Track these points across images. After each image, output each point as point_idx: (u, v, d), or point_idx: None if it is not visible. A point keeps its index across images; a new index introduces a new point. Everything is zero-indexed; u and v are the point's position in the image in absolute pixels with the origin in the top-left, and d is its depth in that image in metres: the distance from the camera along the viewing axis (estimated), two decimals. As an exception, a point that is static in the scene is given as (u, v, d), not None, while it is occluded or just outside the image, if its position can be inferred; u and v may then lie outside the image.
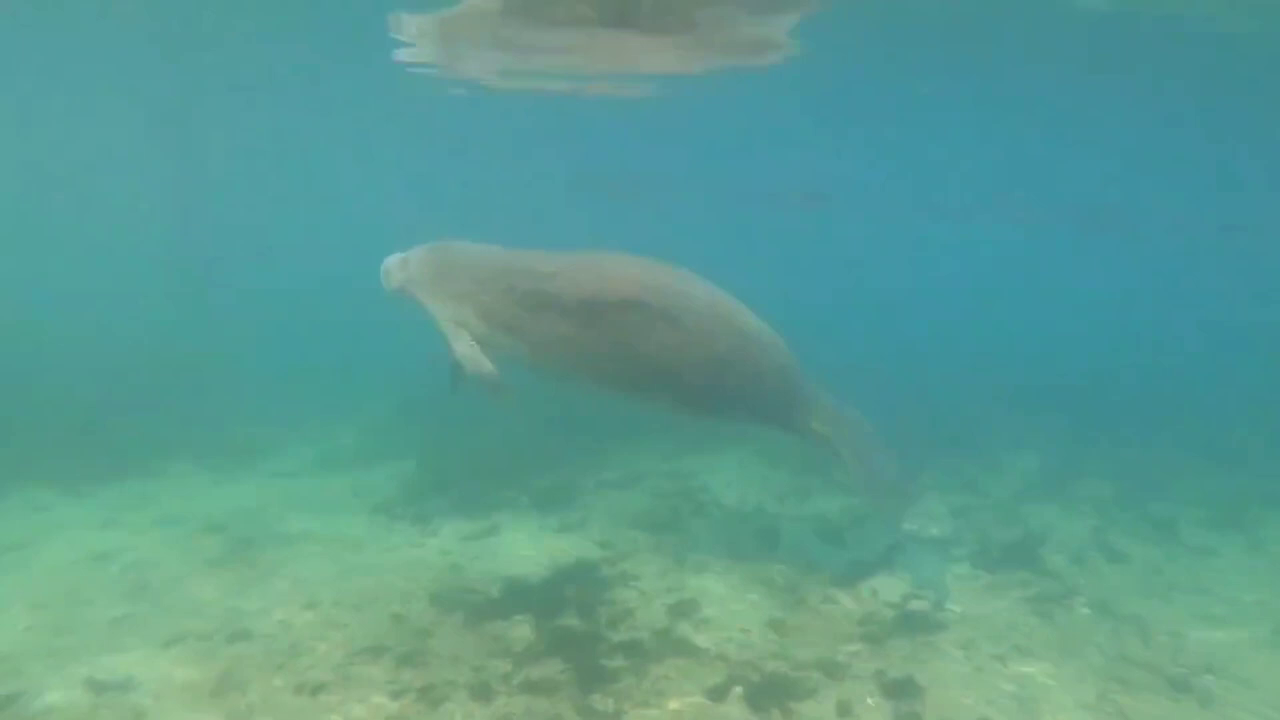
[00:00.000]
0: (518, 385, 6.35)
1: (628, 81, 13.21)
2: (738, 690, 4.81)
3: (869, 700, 4.80)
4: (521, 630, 5.52)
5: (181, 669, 5.05)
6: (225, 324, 12.94)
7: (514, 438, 9.88)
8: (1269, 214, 19.51)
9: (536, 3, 9.56)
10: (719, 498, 8.30)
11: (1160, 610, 6.19)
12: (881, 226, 30.45)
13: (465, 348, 6.12)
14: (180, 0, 10.52)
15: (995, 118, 13.46)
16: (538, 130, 18.32)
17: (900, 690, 4.87)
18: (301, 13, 10.57)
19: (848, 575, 6.50)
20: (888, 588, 6.29)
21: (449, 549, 6.93)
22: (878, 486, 6.25)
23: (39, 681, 4.92)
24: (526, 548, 6.96)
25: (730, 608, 5.92)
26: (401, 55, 11.65)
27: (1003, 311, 22.29)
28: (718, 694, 4.79)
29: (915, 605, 5.99)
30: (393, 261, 6.63)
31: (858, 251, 35.39)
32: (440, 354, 6.40)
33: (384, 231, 7.59)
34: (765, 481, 8.91)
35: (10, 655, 5.19)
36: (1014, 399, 11.40)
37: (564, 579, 6.32)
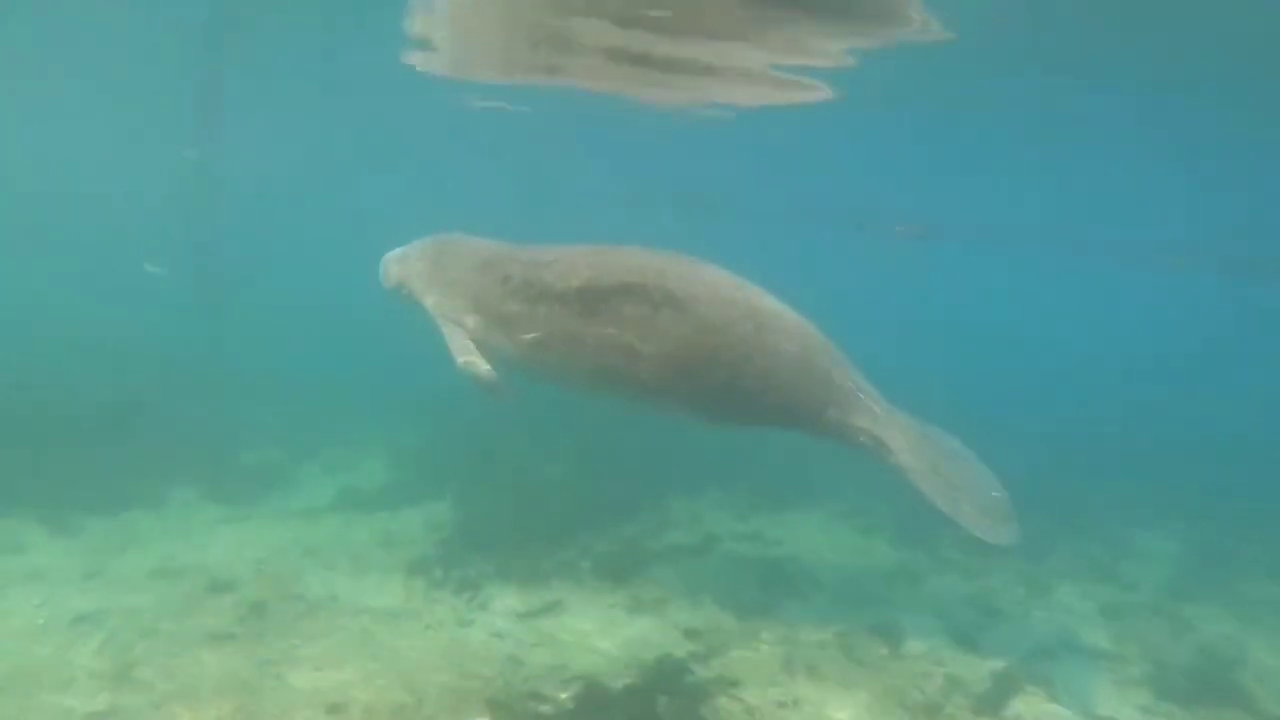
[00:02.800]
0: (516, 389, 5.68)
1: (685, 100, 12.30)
2: None
3: None
4: (610, 764, 4.29)
5: (171, 806, 3.82)
6: (237, 335, 11.75)
7: (562, 484, 8.73)
8: None
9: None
10: (812, 572, 7.05)
11: None
12: (997, 263, 28.80)
13: (460, 346, 5.71)
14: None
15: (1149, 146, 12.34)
16: (601, 144, 17.41)
17: None
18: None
19: (998, 695, 5.25)
20: None
21: (503, 630, 5.70)
22: (953, 495, 5.10)
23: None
24: (597, 634, 5.71)
25: (868, 740, 4.68)
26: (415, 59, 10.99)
27: (1118, 363, 20.16)
28: None
29: (1101, 750, 4.74)
30: (392, 256, 6.40)
31: (964, 289, 33.64)
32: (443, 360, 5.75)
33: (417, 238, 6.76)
34: (861, 554, 7.67)
35: (-50, 770, 3.99)
36: (1135, 463, 10.12)
37: (651, 682, 5.08)
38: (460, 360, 5.69)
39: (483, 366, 5.64)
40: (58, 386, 8.86)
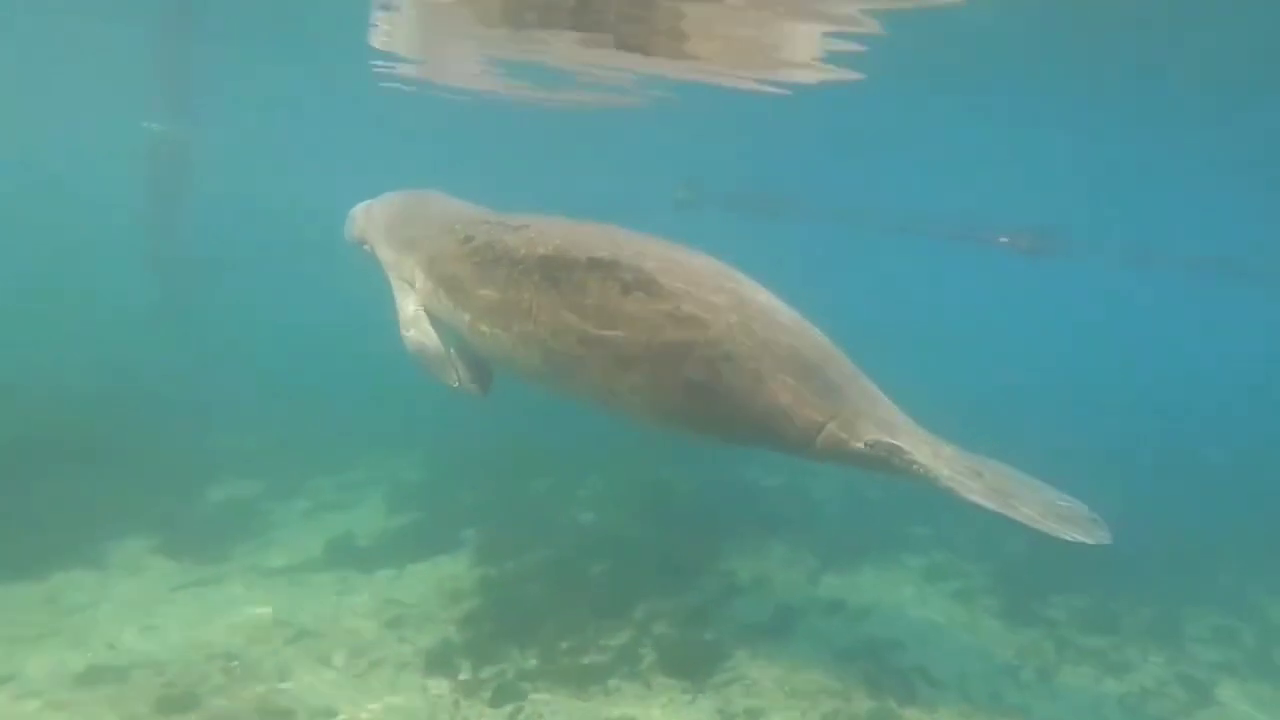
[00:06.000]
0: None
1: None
2: None
3: None
4: None
5: None
6: (204, 340, 10.09)
7: (599, 533, 7.39)
8: None
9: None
10: (921, 663, 5.71)
11: None
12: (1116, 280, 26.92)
13: (409, 316, 5.12)
14: None
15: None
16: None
17: None
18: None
19: None
20: None
21: (562, 767, 4.28)
22: (1009, 500, 4.00)
23: None
24: (688, 773, 4.32)
25: None
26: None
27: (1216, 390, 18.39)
28: None
29: None
30: (358, 208, 5.97)
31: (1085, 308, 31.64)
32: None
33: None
34: (967, 633, 6.35)
35: None
36: (1244, 506, 8.97)
37: None
38: (405, 332, 5.10)
39: (431, 342, 5.04)
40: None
